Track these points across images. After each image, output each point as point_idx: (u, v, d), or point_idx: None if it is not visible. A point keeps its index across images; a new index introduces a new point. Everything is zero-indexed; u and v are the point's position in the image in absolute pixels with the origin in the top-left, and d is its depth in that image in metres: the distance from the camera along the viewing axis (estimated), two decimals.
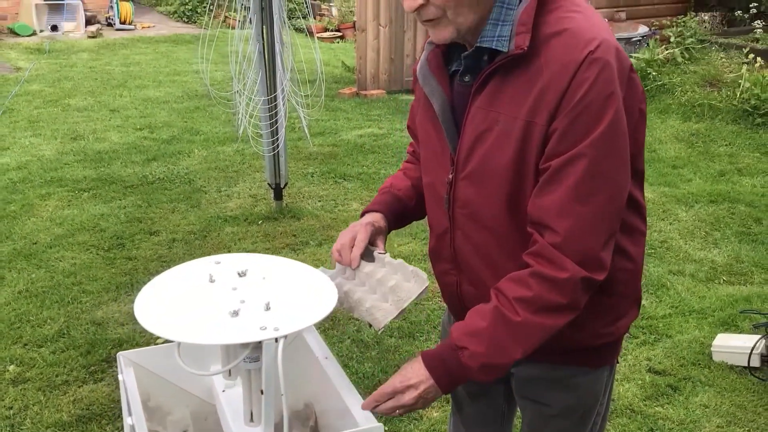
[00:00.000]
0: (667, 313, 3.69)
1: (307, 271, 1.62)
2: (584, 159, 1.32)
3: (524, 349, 1.39)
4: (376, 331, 1.55)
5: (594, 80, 1.31)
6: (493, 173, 1.42)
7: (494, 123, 1.40)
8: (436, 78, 1.49)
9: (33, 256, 4.23)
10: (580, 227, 1.35)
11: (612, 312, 1.56)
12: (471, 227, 1.50)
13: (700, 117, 6.73)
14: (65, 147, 6.15)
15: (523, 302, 1.37)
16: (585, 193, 1.34)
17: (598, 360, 1.62)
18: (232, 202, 5.04)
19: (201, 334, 1.35)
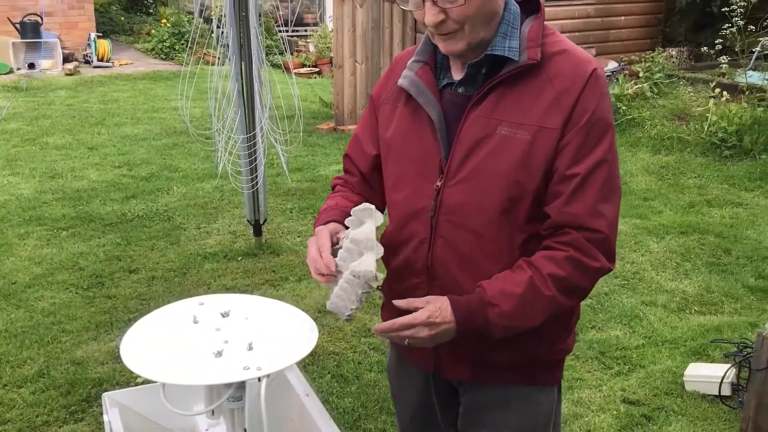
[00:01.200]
0: (641, 343, 3.77)
1: (288, 310, 1.67)
2: (606, 164, 1.50)
3: (544, 318, 1.53)
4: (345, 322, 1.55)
5: (602, 93, 1.50)
6: (491, 176, 1.52)
7: (494, 130, 1.51)
8: (430, 90, 1.59)
9: (12, 296, 4.23)
10: (608, 224, 1.52)
11: (566, 329, 1.70)
12: (455, 233, 1.58)
13: (669, 150, 6.89)
14: (44, 185, 6.16)
15: (556, 280, 1.50)
16: (608, 194, 1.52)
17: (549, 378, 1.73)
18: (212, 239, 5.07)
19: (186, 375, 1.40)
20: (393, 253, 1.69)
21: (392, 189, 1.70)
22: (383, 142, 1.71)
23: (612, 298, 4.24)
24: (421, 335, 1.50)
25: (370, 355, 3.63)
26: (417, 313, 1.51)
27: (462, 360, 1.67)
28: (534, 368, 1.68)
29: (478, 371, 1.68)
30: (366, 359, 3.59)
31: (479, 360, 1.65)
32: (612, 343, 3.75)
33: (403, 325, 1.50)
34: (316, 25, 14.33)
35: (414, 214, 1.64)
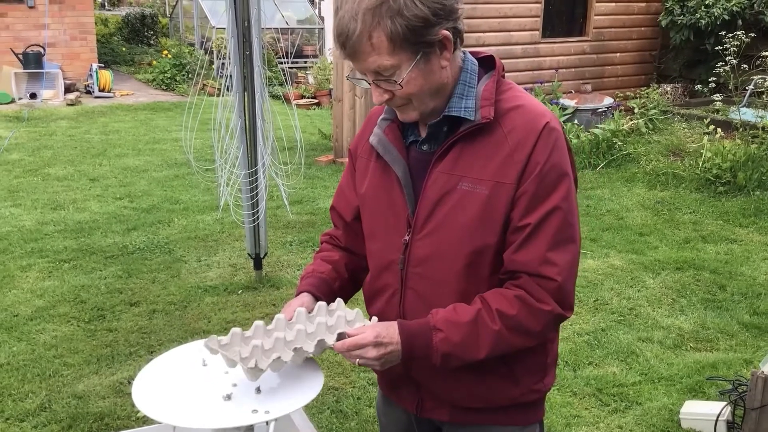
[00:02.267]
0: (637, 380, 3.81)
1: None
2: (559, 212, 1.54)
3: (488, 354, 1.56)
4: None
5: (554, 145, 1.56)
6: (455, 230, 1.59)
7: (456, 185, 1.58)
8: (396, 148, 1.67)
9: (14, 329, 4.27)
10: (561, 271, 1.56)
11: (542, 370, 1.74)
12: (424, 285, 1.65)
13: (664, 185, 6.99)
14: (45, 217, 6.22)
15: (504, 317, 1.55)
16: (561, 241, 1.56)
17: (528, 416, 1.78)
18: (212, 272, 5.12)
19: (196, 418, 1.44)
20: (371, 302, 1.80)
21: (368, 239, 1.79)
22: (359, 196, 1.79)
23: (609, 334, 4.28)
24: (370, 355, 1.56)
25: (370, 390, 3.67)
26: (365, 333, 1.57)
27: (442, 404, 1.74)
28: (512, 409, 1.73)
29: (456, 414, 1.75)
30: (365, 394, 3.63)
31: (457, 404, 1.71)
32: (609, 380, 3.79)
33: (353, 345, 1.56)
34: (316, 56, 14.52)
35: (386, 266, 1.72)
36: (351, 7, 1.46)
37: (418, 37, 1.47)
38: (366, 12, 1.45)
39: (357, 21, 1.45)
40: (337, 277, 1.85)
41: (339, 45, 1.51)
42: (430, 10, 1.46)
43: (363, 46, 1.47)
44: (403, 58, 1.49)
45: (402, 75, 1.51)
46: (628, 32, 9.51)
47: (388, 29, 1.45)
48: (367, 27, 1.45)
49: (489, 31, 8.51)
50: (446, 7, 1.49)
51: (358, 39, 1.46)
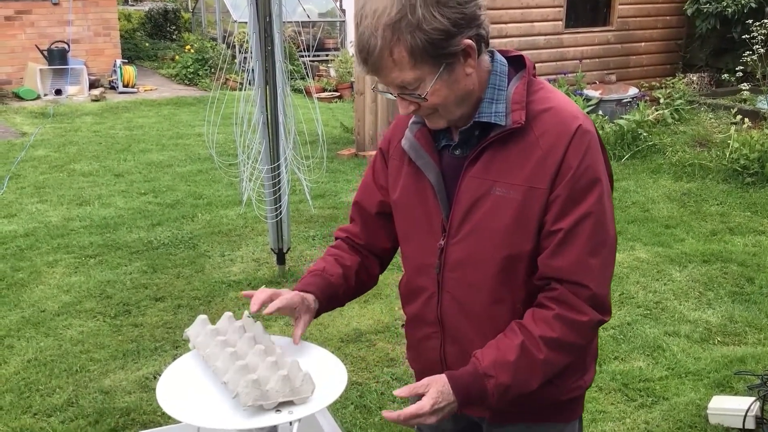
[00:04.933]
0: (664, 374, 3.77)
1: (318, 351, 1.72)
2: (591, 218, 1.52)
3: (539, 383, 1.55)
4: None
5: (588, 147, 1.52)
6: (489, 237, 1.57)
7: (489, 190, 1.56)
8: (428, 153, 1.65)
9: (41, 324, 4.32)
10: (595, 277, 1.54)
11: (581, 368, 1.72)
12: (460, 289, 1.64)
13: (691, 177, 6.89)
14: (71, 213, 6.28)
15: (547, 341, 1.53)
16: (594, 247, 1.53)
17: (569, 414, 1.77)
18: (236, 267, 5.14)
19: (220, 418, 1.44)
20: (408, 302, 1.79)
21: (402, 242, 1.78)
22: (392, 200, 1.77)
23: (635, 328, 4.24)
24: (431, 422, 1.55)
25: (393, 385, 3.66)
26: (421, 403, 1.54)
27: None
28: (552, 408, 1.71)
29: (496, 415, 1.73)
30: (389, 390, 3.62)
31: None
32: (635, 375, 3.76)
33: (411, 416, 1.54)
34: (337, 49, 14.51)
35: (422, 269, 1.71)
36: (371, 22, 1.44)
37: (440, 49, 1.44)
38: (386, 28, 1.42)
39: (377, 37, 1.43)
40: (343, 285, 1.83)
41: (361, 61, 1.49)
42: (450, 21, 1.43)
43: (384, 61, 1.46)
44: (426, 71, 1.47)
45: (426, 88, 1.49)
46: (653, 21, 9.38)
47: (409, 44, 1.43)
48: (387, 43, 1.43)
49: (511, 22, 8.44)
50: (467, 15, 1.46)
51: (379, 55, 1.45)
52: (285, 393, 1.46)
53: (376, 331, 4.14)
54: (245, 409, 1.44)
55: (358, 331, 4.18)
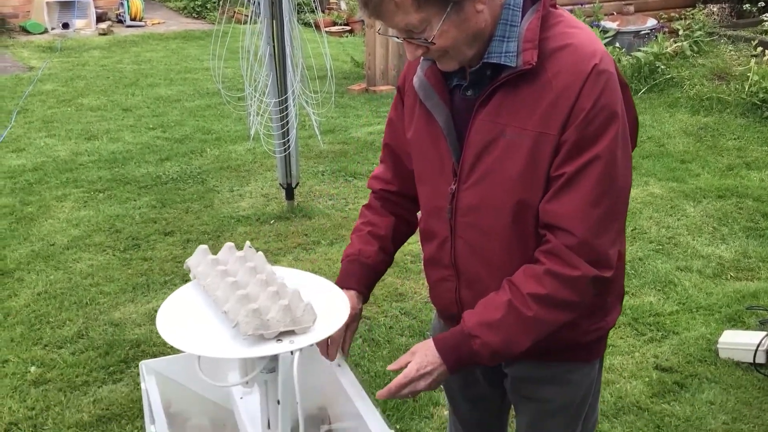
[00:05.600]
0: (674, 309, 3.74)
1: (320, 282, 1.68)
2: (597, 164, 1.41)
3: (532, 340, 1.49)
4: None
5: (602, 90, 1.41)
6: (500, 182, 1.49)
7: (501, 134, 1.47)
8: (438, 93, 1.56)
9: (51, 258, 4.33)
10: (593, 229, 1.44)
11: (602, 309, 1.66)
12: (473, 234, 1.58)
13: (708, 111, 6.74)
14: (80, 147, 6.24)
15: (536, 298, 1.46)
16: (598, 196, 1.43)
17: (589, 354, 1.72)
18: (245, 202, 5.11)
19: (220, 347, 1.42)
20: (424, 243, 1.73)
21: (418, 182, 1.71)
22: (408, 140, 1.70)
23: (646, 263, 4.20)
24: (420, 388, 1.53)
25: (402, 319, 3.66)
26: (406, 370, 1.53)
27: None
28: (572, 349, 1.67)
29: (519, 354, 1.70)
30: (397, 324, 3.62)
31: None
32: (645, 310, 3.73)
33: (400, 386, 1.52)
34: None
35: (435, 212, 1.65)
36: None
37: None
38: None
39: None
40: (382, 260, 1.79)
41: (361, 4, 1.39)
42: None
43: (386, 5, 1.36)
44: (432, 12, 1.37)
45: (433, 31, 1.39)
46: None
47: None
48: None
49: None
50: None
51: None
52: (286, 323, 1.43)
53: None
54: (245, 339, 1.42)
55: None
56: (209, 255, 1.67)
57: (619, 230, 1.50)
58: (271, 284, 1.53)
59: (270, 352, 1.40)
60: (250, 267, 1.59)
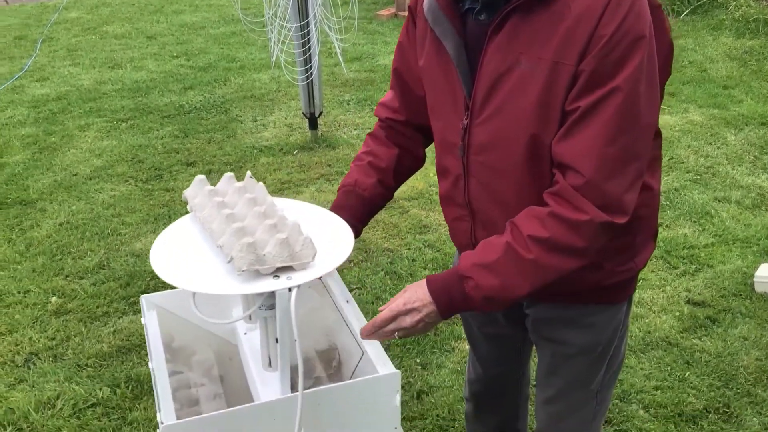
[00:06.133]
0: (710, 242, 3.59)
1: (324, 214, 1.58)
2: (615, 98, 1.26)
3: (532, 287, 1.37)
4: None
5: (626, 13, 1.25)
6: (514, 117, 1.36)
7: (515, 64, 1.33)
8: (448, 18, 1.41)
9: (73, 188, 4.30)
10: (605, 169, 1.30)
11: (630, 249, 1.53)
12: (486, 174, 1.46)
13: (754, 33, 6.39)
14: (103, 76, 6.16)
15: (537, 241, 1.34)
16: (613, 133, 1.28)
17: (616, 296, 1.60)
18: (268, 132, 5.01)
19: (213, 284, 1.33)
20: (440, 180, 1.61)
21: (431, 114, 1.58)
22: (420, 66, 1.55)
23: (682, 194, 4.03)
24: (405, 324, 1.43)
25: (425, 252, 3.57)
26: (393, 304, 1.44)
27: None
28: (596, 291, 1.56)
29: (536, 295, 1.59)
30: (420, 256, 3.53)
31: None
32: (679, 242, 3.59)
33: (385, 320, 1.44)
34: None
35: (448, 148, 1.53)
36: None
37: None
38: None
39: None
40: (379, 193, 1.67)
41: None
42: None
43: None
44: None
45: None
46: None
47: None
48: None
49: None
50: None
51: None
52: (283, 258, 1.34)
53: (410, 198, 4.01)
54: (240, 275, 1.33)
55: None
56: (207, 185, 1.58)
57: (637, 173, 1.33)
58: (269, 217, 1.43)
59: (265, 290, 1.32)
60: (249, 198, 1.49)
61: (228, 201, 1.52)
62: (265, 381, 1.51)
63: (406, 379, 2.77)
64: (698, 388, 2.70)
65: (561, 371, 1.70)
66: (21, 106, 5.58)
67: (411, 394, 2.70)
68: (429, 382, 2.76)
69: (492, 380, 1.96)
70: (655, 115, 1.35)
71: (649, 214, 1.53)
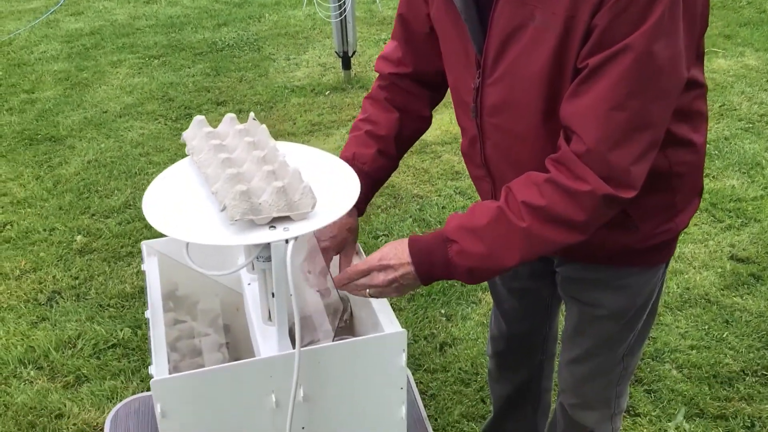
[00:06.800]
0: (759, 194, 3.39)
1: (331, 160, 1.47)
2: (625, 58, 1.11)
3: (521, 258, 1.24)
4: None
5: None
6: (528, 77, 1.22)
7: (528, 19, 1.18)
8: None
9: (102, 126, 4.25)
10: (610, 137, 1.15)
11: (670, 209, 1.39)
12: (502, 137, 1.33)
13: None
14: (138, 11, 6.07)
15: (532, 209, 1.20)
16: (622, 96, 1.13)
17: (653, 259, 1.46)
18: (300, 71, 4.88)
19: (206, 233, 1.24)
20: (461, 133, 1.48)
21: (446, 67, 1.43)
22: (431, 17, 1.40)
23: (732, 143, 3.81)
24: (377, 281, 1.30)
25: (456, 199, 3.44)
26: (369, 257, 1.31)
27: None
28: (631, 254, 1.42)
29: (567, 254, 1.48)
30: (451, 204, 3.41)
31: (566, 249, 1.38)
32: (726, 194, 3.40)
33: (357, 272, 1.31)
34: None
35: (461, 107, 1.39)
36: None
37: None
38: None
39: None
40: (381, 165, 1.51)
41: None
42: None
43: None
44: None
45: None
46: None
47: None
48: None
49: None
50: None
51: None
52: (280, 207, 1.24)
53: (443, 143, 3.87)
54: (233, 224, 1.23)
55: (423, 142, 3.91)
56: (206, 127, 1.47)
57: (650, 142, 1.18)
58: (269, 162, 1.33)
59: (258, 241, 1.22)
60: (249, 142, 1.38)
61: (227, 144, 1.42)
62: (266, 334, 1.43)
63: (429, 330, 2.69)
64: (736, 348, 2.57)
65: (589, 332, 1.58)
66: (54, 41, 5.53)
67: (434, 346, 2.62)
68: (453, 334, 2.67)
69: (516, 337, 1.86)
70: (682, 75, 1.18)
71: (690, 171, 1.38)
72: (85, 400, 2.44)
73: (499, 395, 2.00)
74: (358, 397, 1.38)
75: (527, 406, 1.99)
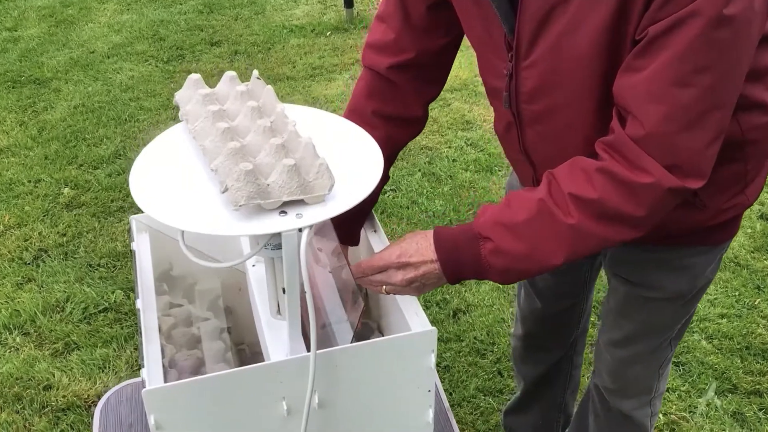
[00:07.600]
0: None
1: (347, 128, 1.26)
2: (694, 24, 0.91)
3: (566, 257, 1.06)
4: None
5: None
6: (575, 56, 1.02)
7: None
8: None
9: (90, 67, 4.00)
10: (676, 118, 0.96)
11: (740, 181, 1.21)
12: (545, 125, 1.13)
13: None
14: None
15: (582, 202, 1.02)
16: (689, 70, 0.94)
17: (719, 236, 1.29)
18: (299, 10, 4.60)
19: (205, 220, 1.05)
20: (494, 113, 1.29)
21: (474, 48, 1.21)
22: None
23: None
24: (394, 280, 1.14)
25: (467, 151, 3.24)
26: (385, 251, 1.15)
27: None
28: (699, 233, 1.25)
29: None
30: (462, 156, 3.20)
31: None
32: None
33: (372, 268, 1.15)
34: None
35: (493, 93, 1.20)
36: None
37: None
38: None
39: None
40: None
41: None
42: None
43: None
44: None
45: None
46: None
47: None
48: None
49: None
50: None
51: None
52: (291, 189, 1.04)
53: (453, 89, 3.64)
54: (236, 210, 1.04)
55: None
56: (202, 88, 1.26)
57: (720, 124, 0.99)
58: (278, 132, 1.12)
59: (267, 231, 1.03)
60: (253, 107, 1.18)
61: (228, 109, 1.21)
62: (274, 330, 1.25)
63: (441, 296, 2.52)
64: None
65: (636, 315, 1.42)
66: None
67: (446, 313, 2.46)
68: (467, 300, 2.51)
69: (551, 317, 1.69)
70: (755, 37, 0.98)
71: (764, 136, 1.18)
72: (75, 370, 2.29)
73: (526, 375, 1.85)
74: (379, 402, 1.21)
75: (557, 387, 1.84)
